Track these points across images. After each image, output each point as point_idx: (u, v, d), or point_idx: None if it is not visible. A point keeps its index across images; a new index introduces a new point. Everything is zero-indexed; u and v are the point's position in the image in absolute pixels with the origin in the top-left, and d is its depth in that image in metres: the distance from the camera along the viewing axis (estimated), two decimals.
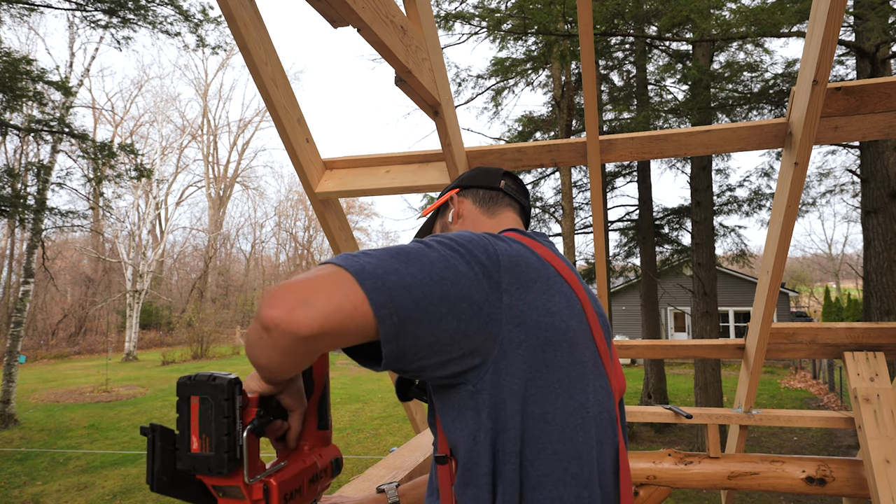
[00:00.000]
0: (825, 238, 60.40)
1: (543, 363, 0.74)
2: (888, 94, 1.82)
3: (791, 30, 6.42)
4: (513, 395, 0.72)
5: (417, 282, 0.65)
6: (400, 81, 1.65)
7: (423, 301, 0.65)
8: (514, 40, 9.35)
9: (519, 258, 0.77)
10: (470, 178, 1.14)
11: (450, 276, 0.68)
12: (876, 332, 2.60)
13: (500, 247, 0.76)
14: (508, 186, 1.13)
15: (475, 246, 0.74)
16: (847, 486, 2.64)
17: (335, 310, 0.60)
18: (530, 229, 1.14)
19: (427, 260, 0.68)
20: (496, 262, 0.73)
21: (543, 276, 0.78)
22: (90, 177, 12.64)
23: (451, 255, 0.71)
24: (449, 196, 1.11)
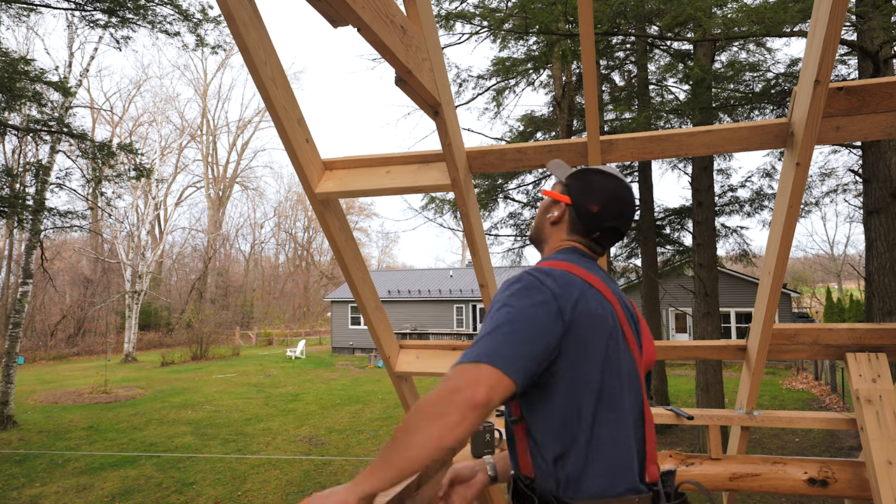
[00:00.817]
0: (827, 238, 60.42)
1: (592, 350, 1.10)
2: (890, 94, 1.81)
3: (793, 29, 6.41)
4: (577, 373, 1.10)
5: (524, 348, 1.03)
6: (400, 81, 1.64)
7: (531, 356, 1.04)
8: (514, 40, 9.34)
9: (565, 283, 1.12)
10: (582, 206, 1.32)
11: (537, 329, 1.05)
12: (878, 332, 2.59)
13: (551, 285, 1.11)
14: (602, 239, 1.33)
15: (540, 297, 1.08)
16: (849, 487, 2.63)
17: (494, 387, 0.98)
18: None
19: (523, 329, 1.04)
20: (555, 305, 1.08)
21: (581, 289, 1.13)
22: (89, 177, 12.64)
23: (533, 311, 1.06)
24: (566, 203, 1.35)
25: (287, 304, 45.12)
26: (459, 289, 25.77)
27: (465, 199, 2.29)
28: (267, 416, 12.29)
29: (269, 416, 12.20)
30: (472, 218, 2.39)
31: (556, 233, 1.35)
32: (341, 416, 12.14)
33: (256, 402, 13.86)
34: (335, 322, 26.47)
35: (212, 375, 18.96)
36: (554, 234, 1.35)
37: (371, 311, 2.25)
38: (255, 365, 21.87)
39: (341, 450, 9.47)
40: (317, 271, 47.95)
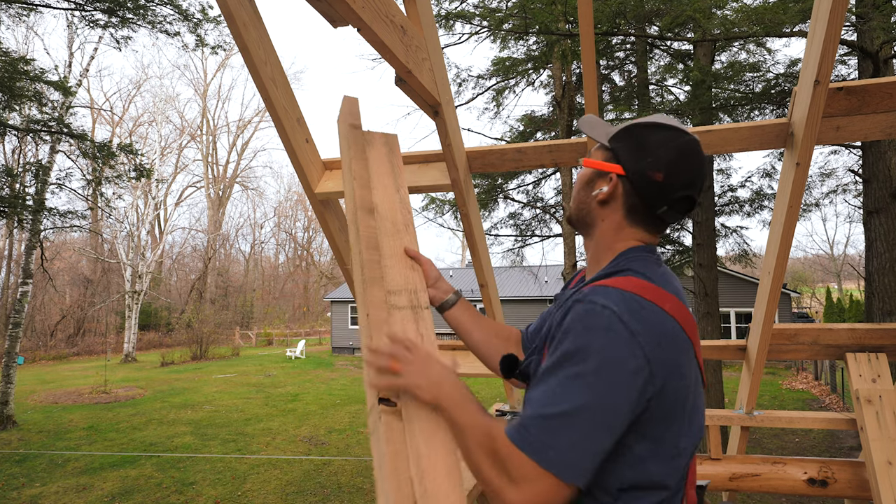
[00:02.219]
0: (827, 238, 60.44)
1: (674, 407, 0.92)
2: (890, 94, 1.82)
3: (793, 29, 6.41)
4: (647, 435, 0.93)
5: (600, 444, 0.87)
6: (400, 81, 1.64)
7: (605, 449, 0.88)
8: (514, 40, 9.35)
9: (659, 337, 0.90)
10: (643, 175, 1.01)
11: (620, 415, 0.87)
12: (878, 333, 2.59)
13: (648, 349, 0.88)
14: (670, 214, 1.05)
15: (633, 364, 0.87)
16: (849, 487, 2.63)
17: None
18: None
19: (599, 417, 0.86)
20: (644, 360, 0.88)
21: (674, 343, 0.92)
22: (89, 177, 12.64)
23: (622, 393, 0.87)
24: (614, 172, 1.04)
25: (287, 304, 45.12)
26: (459, 289, 25.74)
27: (465, 199, 2.29)
28: (267, 416, 12.29)
29: (269, 416, 12.20)
30: (472, 218, 2.39)
31: (608, 216, 1.06)
32: (341, 416, 12.14)
33: (256, 402, 13.86)
34: (335, 322, 26.48)
35: (212, 375, 18.96)
36: (607, 219, 1.07)
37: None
38: (255, 365, 21.87)
39: (341, 450, 9.48)
40: (317, 271, 47.96)
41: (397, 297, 1.32)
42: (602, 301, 0.90)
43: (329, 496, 7.22)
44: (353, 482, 7.74)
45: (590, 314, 0.90)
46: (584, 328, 0.89)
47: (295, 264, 50.50)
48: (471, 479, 2.21)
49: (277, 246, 50.57)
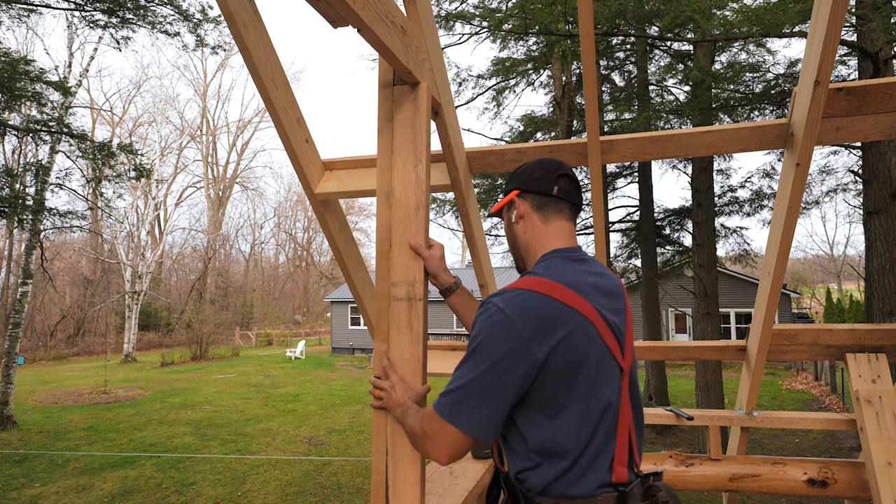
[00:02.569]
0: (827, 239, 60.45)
1: (565, 383, 1.10)
2: (890, 95, 1.81)
3: (793, 30, 6.41)
4: (547, 401, 1.12)
5: (491, 406, 1.10)
6: (400, 82, 1.64)
7: (499, 410, 1.11)
8: (514, 40, 9.35)
9: (539, 319, 1.09)
10: (530, 181, 1.33)
11: (506, 384, 1.08)
12: (878, 333, 2.59)
13: (523, 330, 1.08)
14: (563, 190, 1.32)
15: (511, 344, 1.08)
16: (849, 488, 2.63)
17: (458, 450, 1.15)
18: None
19: (491, 386, 1.09)
20: (526, 344, 1.08)
21: (559, 322, 1.09)
22: (89, 177, 12.63)
23: (504, 365, 1.08)
24: (511, 198, 1.35)
25: (287, 305, 45.12)
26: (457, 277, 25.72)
27: (465, 199, 2.29)
28: (267, 416, 12.29)
29: (268, 417, 12.19)
30: (472, 218, 2.39)
31: (528, 226, 1.31)
32: (341, 417, 12.14)
33: (256, 403, 13.86)
34: (335, 322, 26.47)
35: (211, 376, 18.96)
36: (528, 229, 1.32)
37: (371, 311, 2.25)
38: (255, 365, 21.87)
39: (341, 450, 9.47)
40: (317, 272, 47.96)
41: (397, 289, 1.52)
42: (493, 300, 1.13)
43: (329, 496, 7.22)
44: (352, 482, 7.74)
45: (484, 311, 1.13)
46: (478, 321, 1.13)
47: (295, 265, 50.50)
48: (471, 479, 2.21)
49: (277, 246, 50.59)
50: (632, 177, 12.44)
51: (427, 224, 1.55)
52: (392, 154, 1.59)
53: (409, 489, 1.42)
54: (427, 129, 1.60)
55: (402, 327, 1.51)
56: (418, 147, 1.57)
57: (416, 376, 1.48)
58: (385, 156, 1.60)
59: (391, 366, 1.46)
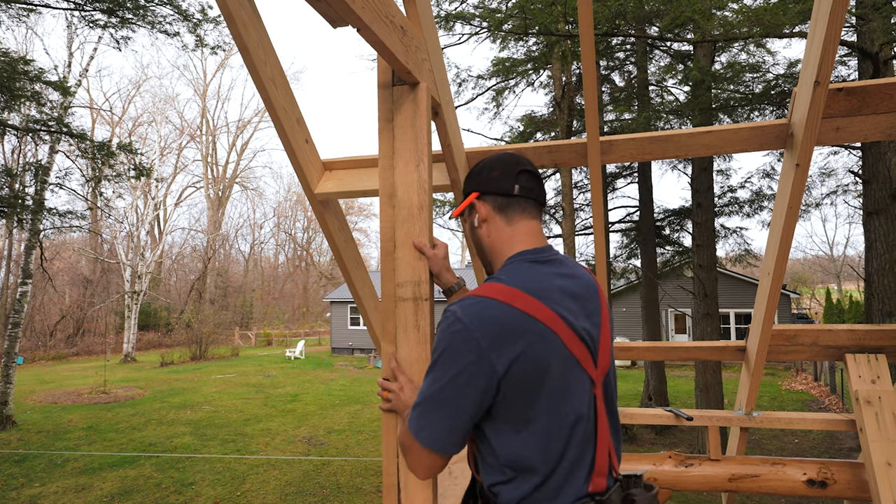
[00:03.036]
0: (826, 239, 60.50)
1: (529, 394, 1.05)
2: (890, 95, 1.81)
3: (793, 30, 6.41)
4: (514, 414, 1.08)
5: (453, 420, 1.06)
6: (400, 82, 1.64)
7: (462, 424, 1.07)
8: (514, 41, 9.35)
9: (498, 330, 1.03)
10: (488, 181, 1.26)
11: (467, 398, 1.04)
12: (877, 334, 2.59)
13: (482, 342, 1.03)
14: (524, 188, 1.24)
15: (469, 357, 1.04)
16: (848, 488, 2.63)
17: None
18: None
19: (449, 400, 1.05)
20: (484, 357, 1.03)
21: (519, 332, 1.04)
22: (88, 177, 12.63)
23: (463, 378, 1.04)
24: (471, 201, 1.28)
25: (286, 305, 45.12)
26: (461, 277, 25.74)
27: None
28: (266, 416, 12.28)
29: (268, 417, 12.19)
30: None
31: (492, 228, 1.25)
32: (340, 417, 12.14)
33: (256, 403, 13.85)
34: (334, 322, 26.47)
35: (211, 376, 18.95)
36: (492, 232, 1.25)
37: (371, 311, 2.25)
38: (255, 365, 21.86)
39: (340, 450, 9.47)
40: (316, 272, 47.95)
41: (403, 289, 1.53)
42: (452, 308, 1.09)
43: (328, 496, 7.22)
44: (352, 482, 7.74)
45: (443, 320, 1.09)
46: (439, 331, 1.09)
47: (294, 265, 50.50)
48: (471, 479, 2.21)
49: (277, 246, 50.59)
50: (632, 177, 12.45)
51: (430, 223, 1.55)
52: (393, 154, 1.59)
53: (420, 492, 1.43)
54: (428, 129, 1.61)
55: (409, 328, 1.51)
56: (419, 147, 1.57)
57: (423, 377, 1.49)
58: (386, 156, 1.61)
59: (399, 367, 1.45)
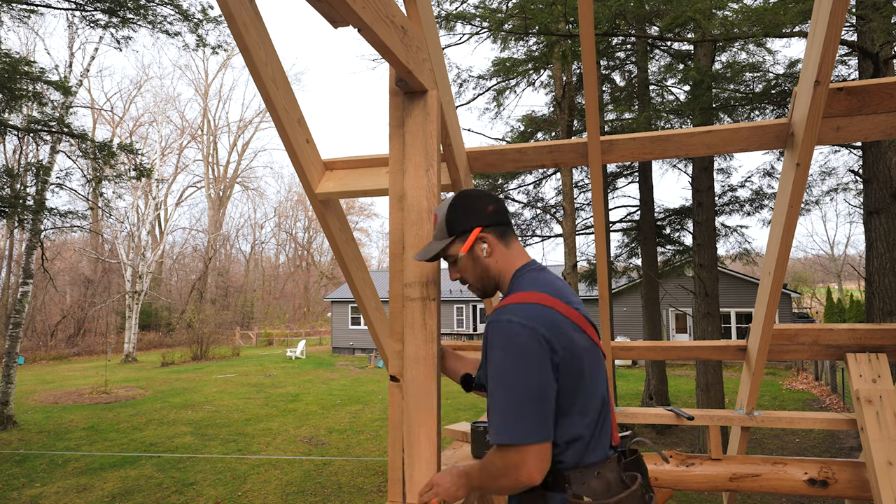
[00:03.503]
0: (827, 239, 60.44)
1: (576, 373, 1.28)
2: (891, 95, 1.81)
3: (793, 30, 6.41)
4: (565, 391, 1.28)
5: (546, 406, 1.23)
6: (400, 82, 1.64)
7: (551, 408, 1.24)
8: (515, 40, 9.34)
9: (550, 324, 1.25)
10: (487, 216, 1.45)
11: (547, 386, 1.23)
12: (878, 333, 2.59)
13: (542, 332, 1.23)
14: (503, 213, 1.47)
15: (537, 352, 1.23)
16: (849, 487, 2.63)
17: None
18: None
19: (536, 390, 1.22)
20: (549, 348, 1.24)
21: (562, 325, 1.27)
22: (89, 177, 12.64)
23: (540, 374, 1.22)
24: (478, 235, 1.44)
25: (287, 305, 45.13)
26: (460, 289, 25.76)
27: None
28: (267, 416, 12.29)
29: (269, 417, 12.20)
30: None
31: (497, 257, 1.44)
32: (341, 417, 12.14)
33: (256, 403, 13.86)
34: (335, 322, 26.48)
35: (212, 376, 18.97)
36: (498, 260, 1.44)
37: (371, 311, 2.25)
38: (256, 365, 21.87)
39: (341, 450, 9.48)
40: (317, 271, 47.96)
41: (411, 290, 1.58)
42: (505, 317, 1.26)
43: (329, 496, 7.22)
44: (353, 482, 7.74)
45: (503, 329, 1.25)
46: (500, 340, 1.24)
47: (295, 264, 50.51)
48: None
49: (278, 246, 50.60)
50: (632, 176, 12.44)
51: None
52: (404, 159, 1.64)
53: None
54: (437, 136, 1.63)
55: (417, 327, 1.55)
56: (429, 152, 1.61)
57: (430, 375, 1.50)
58: (397, 161, 1.64)
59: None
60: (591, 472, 1.32)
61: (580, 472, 1.31)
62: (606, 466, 1.34)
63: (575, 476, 1.31)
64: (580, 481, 1.31)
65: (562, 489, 1.31)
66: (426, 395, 1.52)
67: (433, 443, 1.49)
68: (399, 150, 1.65)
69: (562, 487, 1.31)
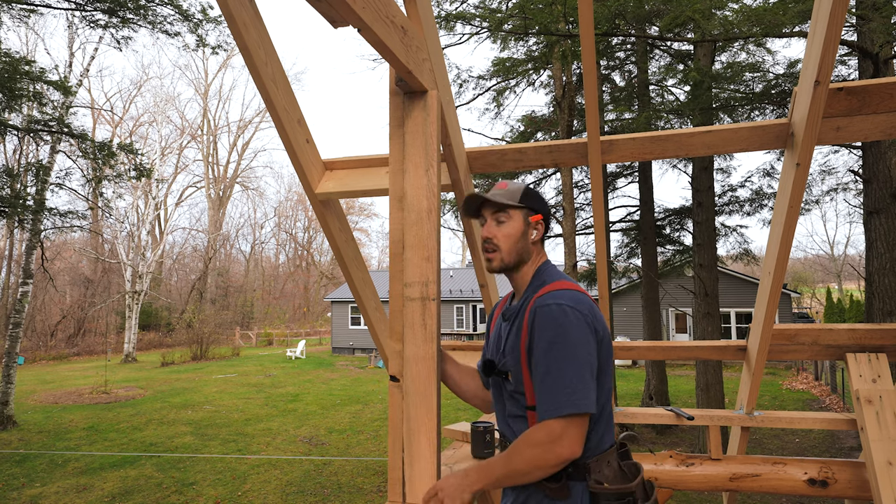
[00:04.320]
0: (827, 239, 60.44)
1: (606, 356, 1.43)
2: (890, 95, 1.82)
3: (793, 30, 6.41)
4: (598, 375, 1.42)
5: (594, 385, 1.37)
6: (400, 81, 1.64)
7: (594, 382, 1.37)
8: (515, 40, 9.34)
9: (593, 311, 1.41)
10: (546, 210, 1.61)
11: (593, 364, 1.37)
12: (878, 333, 2.59)
13: (587, 314, 1.39)
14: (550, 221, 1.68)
15: (588, 333, 1.37)
16: (849, 487, 2.63)
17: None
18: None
19: (582, 367, 1.34)
20: (593, 329, 1.39)
21: (598, 313, 1.43)
22: (89, 177, 12.64)
23: (591, 353, 1.36)
24: (539, 219, 1.58)
25: (287, 305, 45.13)
26: (460, 289, 25.76)
27: None
28: (267, 416, 12.29)
29: (269, 417, 12.20)
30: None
31: (534, 250, 1.58)
32: (341, 417, 12.14)
33: (256, 403, 13.86)
34: (335, 322, 26.47)
35: (212, 376, 18.96)
36: (535, 251, 1.58)
37: (371, 311, 2.25)
38: (256, 365, 21.87)
39: (341, 450, 9.48)
40: (317, 271, 47.96)
41: (411, 290, 1.60)
42: (558, 303, 1.38)
43: (329, 496, 7.22)
44: (353, 482, 7.74)
45: (558, 314, 1.36)
46: (556, 323, 1.35)
47: (295, 264, 50.51)
48: None
49: (278, 246, 50.60)
50: (632, 176, 12.44)
51: (439, 226, 1.61)
52: (404, 159, 1.64)
53: (426, 486, 1.48)
54: (437, 136, 1.63)
55: (416, 326, 1.56)
56: (429, 153, 1.61)
57: (430, 375, 1.51)
58: (397, 161, 1.64)
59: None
60: (605, 460, 1.42)
61: (596, 460, 1.41)
62: (612, 455, 1.44)
63: (594, 465, 1.40)
64: (598, 469, 1.40)
65: (582, 478, 1.39)
66: (426, 395, 1.53)
67: (433, 443, 1.50)
68: (399, 150, 1.65)
69: (582, 476, 1.40)
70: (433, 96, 1.63)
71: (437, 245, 1.58)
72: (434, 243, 1.57)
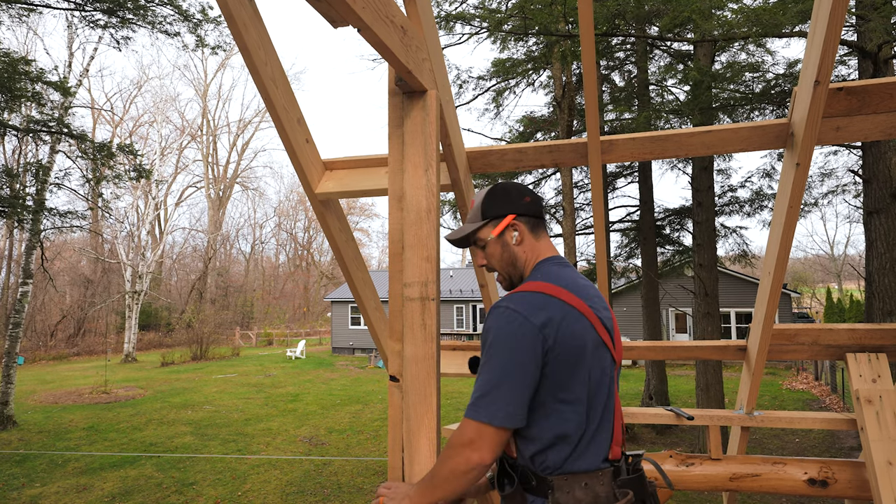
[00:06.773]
0: (827, 239, 60.46)
1: (572, 368, 1.27)
2: (890, 95, 1.81)
3: (793, 30, 6.41)
4: (559, 389, 1.28)
5: (518, 393, 1.24)
6: (400, 81, 1.64)
7: (525, 398, 1.25)
8: (514, 41, 9.34)
9: (545, 312, 1.26)
10: (522, 206, 1.49)
11: (526, 372, 1.23)
12: (878, 333, 2.59)
13: (533, 319, 1.25)
14: (538, 206, 1.51)
15: (523, 336, 1.24)
16: (849, 487, 2.63)
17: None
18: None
19: (513, 375, 1.23)
20: (539, 335, 1.24)
21: (560, 314, 1.27)
22: (89, 177, 12.63)
23: (520, 356, 1.23)
24: (511, 221, 1.47)
25: (287, 305, 45.12)
26: (459, 289, 25.77)
27: (465, 199, 2.29)
28: (267, 416, 12.29)
29: (269, 417, 12.20)
30: None
31: (525, 246, 1.47)
32: (341, 417, 12.14)
33: (256, 403, 13.86)
34: (335, 322, 26.47)
35: (212, 375, 18.96)
36: (525, 249, 1.47)
37: (371, 311, 2.25)
38: (256, 365, 21.87)
39: (341, 450, 9.48)
40: (317, 271, 47.96)
41: (410, 289, 1.59)
42: (502, 304, 1.29)
43: (329, 496, 7.22)
44: (353, 482, 7.74)
45: (495, 315, 1.29)
46: (492, 325, 1.28)
47: (295, 264, 50.50)
48: None
49: (278, 246, 50.59)
50: (632, 177, 12.44)
51: (438, 226, 1.60)
52: (403, 159, 1.63)
53: None
54: (436, 136, 1.63)
55: (416, 326, 1.55)
56: (428, 152, 1.61)
57: (430, 375, 1.51)
58: (396, 160, 1.64)
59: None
60: (579, 482, 1.28)
61: (566, 479, 1.28)
62: (597, 478, 1.29)
63: (559, 483, 1.27)
64: (565, 489, 1.27)
65: (543, 494, 1.29)
66: (426, 395, 1.53)
67: (433, 443, 1.49)
68: (398, 150, 1.64)
69: (544, 492, 1.29)
70: (432, 96, 1.63)
71: (437, 245, 1.58)
72: (433, 243, 1.57)
